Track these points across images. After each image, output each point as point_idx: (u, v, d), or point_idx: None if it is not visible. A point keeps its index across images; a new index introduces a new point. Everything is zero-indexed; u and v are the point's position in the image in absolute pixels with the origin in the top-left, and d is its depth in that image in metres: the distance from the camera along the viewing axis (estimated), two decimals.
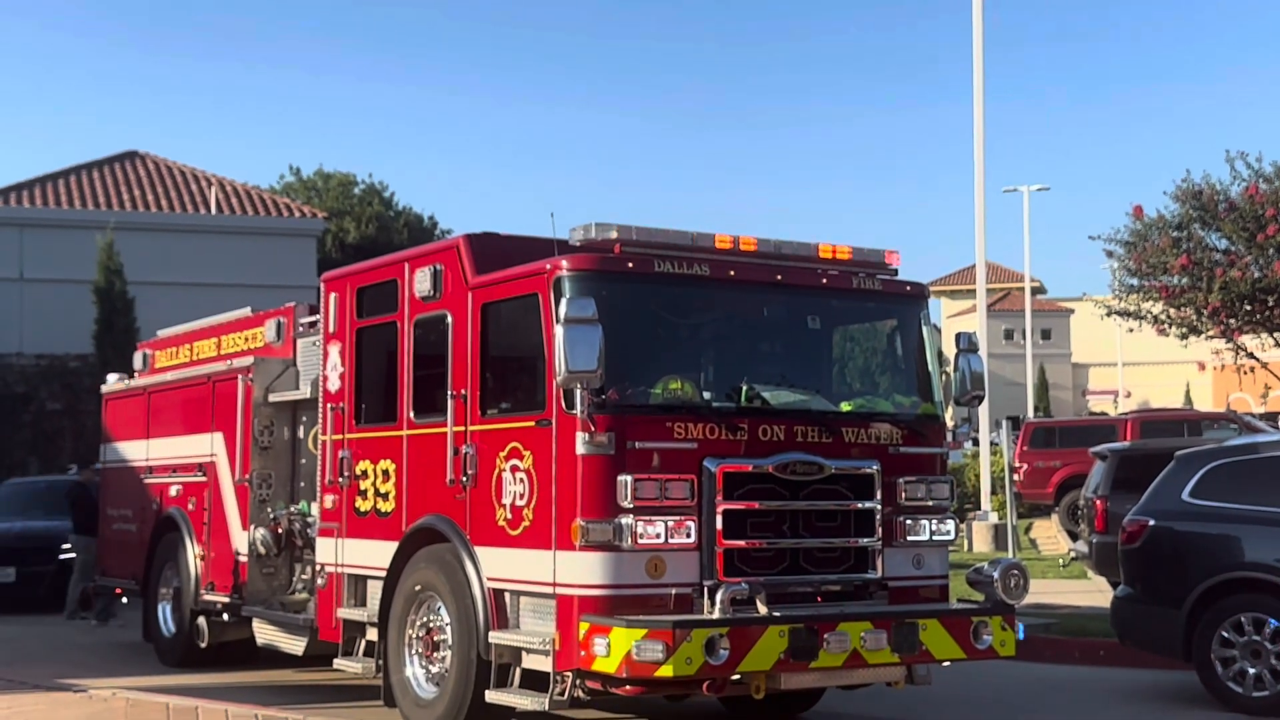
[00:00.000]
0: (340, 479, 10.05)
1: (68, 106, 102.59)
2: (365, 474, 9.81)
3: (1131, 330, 29.82)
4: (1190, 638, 10.28)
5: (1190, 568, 10.43)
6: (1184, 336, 27.36)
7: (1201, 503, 10.61)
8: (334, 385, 10.27)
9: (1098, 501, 16.09)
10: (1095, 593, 16.55)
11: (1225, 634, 10.12)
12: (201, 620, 12.26)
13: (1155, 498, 11.00)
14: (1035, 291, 65.83)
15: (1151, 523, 10.79)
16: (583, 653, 7.71)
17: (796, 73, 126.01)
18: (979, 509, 24.32)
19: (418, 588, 9.08)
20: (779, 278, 8.72)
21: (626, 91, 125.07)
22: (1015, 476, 24.98)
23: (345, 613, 9.90)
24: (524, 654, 8.28)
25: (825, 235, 8.75)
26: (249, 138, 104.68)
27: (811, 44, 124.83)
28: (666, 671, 7.44)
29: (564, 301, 7.76)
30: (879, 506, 8.50)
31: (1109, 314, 29.18)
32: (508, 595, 8.41)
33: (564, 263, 8.09)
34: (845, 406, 8.81)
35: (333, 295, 10.39)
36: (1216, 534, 10.46)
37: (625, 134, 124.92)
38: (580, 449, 7.81)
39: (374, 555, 9.60)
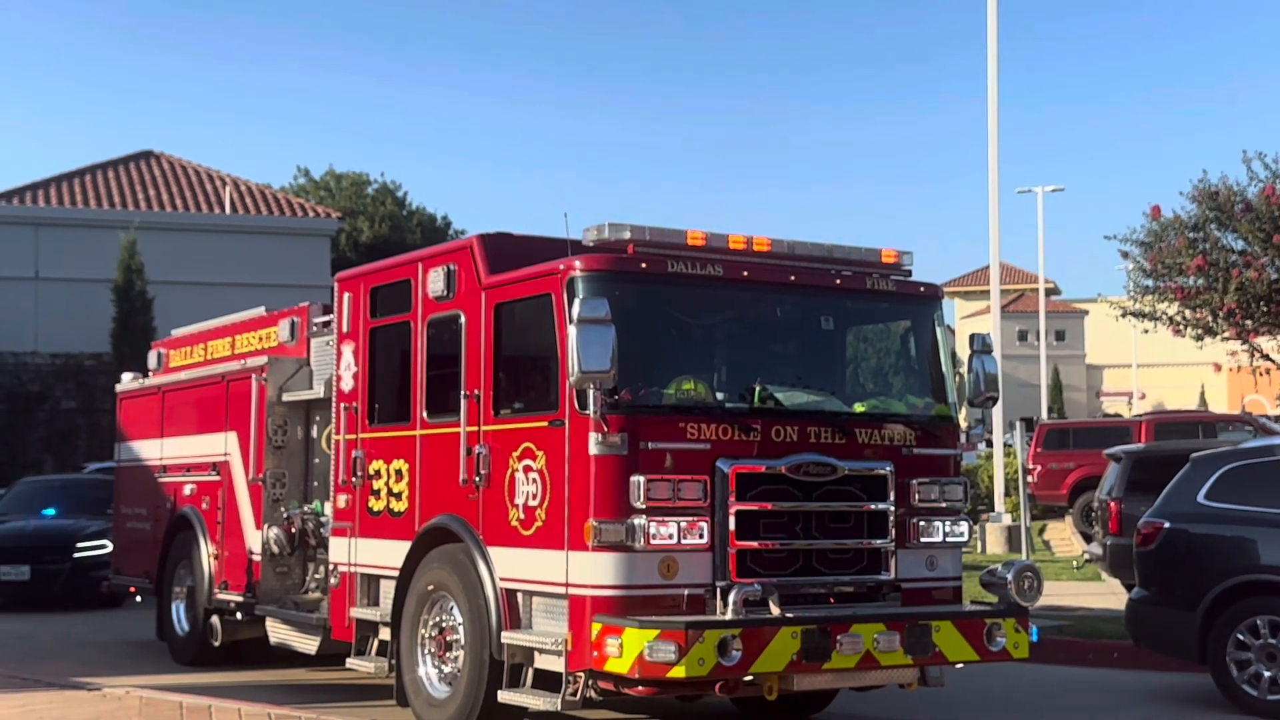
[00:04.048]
0: (353, 478, 10.06)
1: (82, 106, 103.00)
2: (378, 474, 9.82)
3: (1146, 331, 29.71)
4: (1205, 640, 10.23)
5: (1205, 570, 10.38)
6: (1199, 338, 27.25)
7: (1217, 505, 10.57)
8: (347, 385, 10.28)
9: (1112, 503, 16.04)
10: (1109, 595, 16.50)
11: (1240, 636, 10.08)
12: (215, 619, 12.28)
13: (1170, 500, 10.96)
14: (1049, 292, 65.69)
15: (1167, 525, 10.75)
16: (595, 653, 7.71)
17: (809, 72, 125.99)
18: (992, 510, 24.26)
19: (430, 587, 9.09)
20: (792, 278, 8.71)
21: (640, 90, 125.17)
22: (1029, 478, 24.92)
23: (358, 612, 9.91)
24: (536, 654, 8.28)
25: (838, 235, 8.72)
26: (262, 137, 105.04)
27: (824, 42, 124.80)
28: (679, 672, 7.43)
29: (577, 302, 7.76)
30: (892, 508, 8.48)
31: (1124, 315, 29.08)
32: (520, 595, 8.41)
33: (577, 263, 8.09)
34: (859, 407, 8.79)
35: (346, 295, 10.40)
36: (1232, 536, 10.41)
37: (640, 133, 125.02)
38: (593, 449, 7.80)
39: (387, 555, 9.61)
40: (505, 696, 8.37)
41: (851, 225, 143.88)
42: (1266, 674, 9.95)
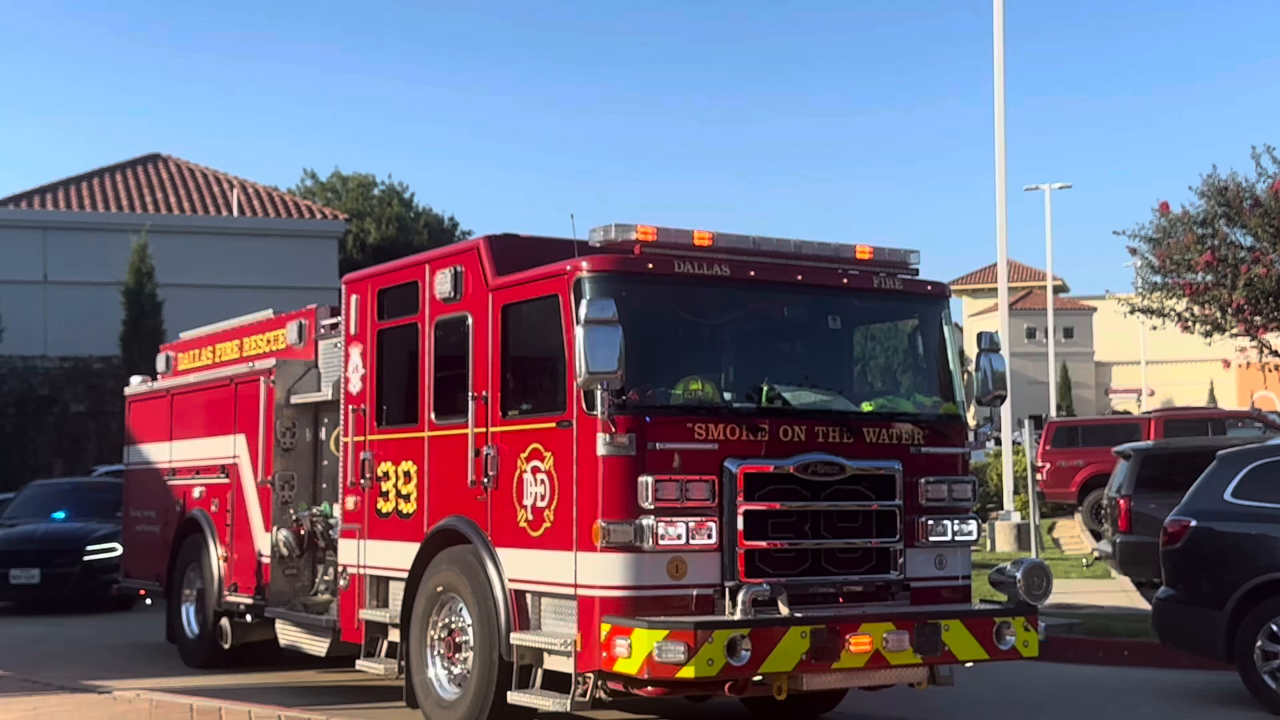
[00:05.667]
0: (362, 480, 10.07)
1: (88, 109, 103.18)
2: (387, 475, 9.84)
3: (1155, 328, 29.64)
4: (1233, 639, 10.17)
5: (1233, 568, 10.33)
6: (1208, 334, 27.18)
7: (1244, 503, 10.52)
8: (355, 387, 10.29)
9: (1121, 501, 16.02)
10: (1119, 592, 16.47)
11: (1275, 627, 10.00)
12: (225, 621, 12.30)
13: (1197, 498, 10.89)
14: (1057, 290, 65.57)
15: (1193, 523, 10.68)
16: (604, 654, 7.72)
17: (815, 70, 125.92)
18: (1001, 509, 24.23)
19: (439, 589, 9.09)
20: (799, 278, 8.70)
21: (646, 90, 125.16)
22: (1038, 476, 24.87)
23: (367, 614, 9.93)
24: (546, 655, 8.28)
25: (845, 234, 8.70)
26: (268, 139, 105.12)
27: (828, 40, 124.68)
28: (688, 673, 7.44)
29: (584, 303, 7.77)
30: (901, 507, 8.48)
31: (1132, 312, 29.02)
32: (529, 596, 8.42)
33: (584, 264, 8.09)
34: (866, 406, 8.79)
35: (354, 297, 10.41)
36: (1259, 534, 10.34)
37: (645, 133, 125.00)
38: (601, 450, 7.81)
39: (396, 556, 9.62)
40: (515, 698, 8.37)
41: (857, 224, 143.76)
42: None
